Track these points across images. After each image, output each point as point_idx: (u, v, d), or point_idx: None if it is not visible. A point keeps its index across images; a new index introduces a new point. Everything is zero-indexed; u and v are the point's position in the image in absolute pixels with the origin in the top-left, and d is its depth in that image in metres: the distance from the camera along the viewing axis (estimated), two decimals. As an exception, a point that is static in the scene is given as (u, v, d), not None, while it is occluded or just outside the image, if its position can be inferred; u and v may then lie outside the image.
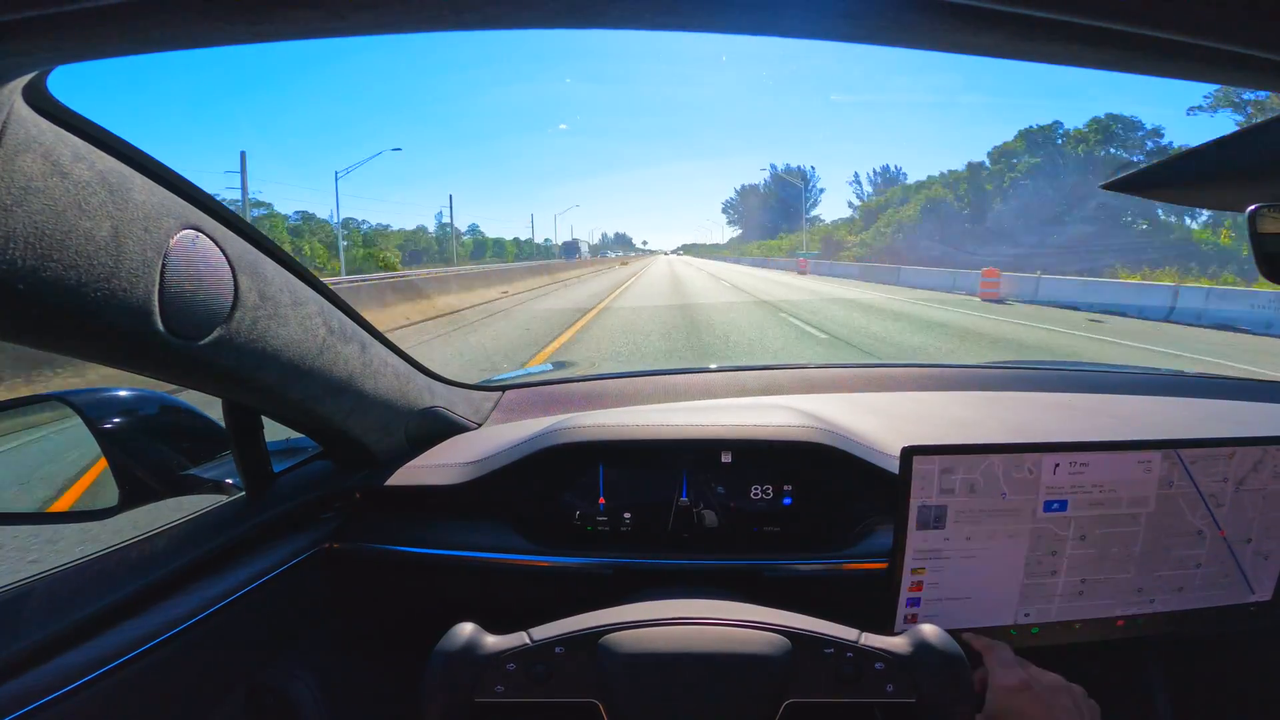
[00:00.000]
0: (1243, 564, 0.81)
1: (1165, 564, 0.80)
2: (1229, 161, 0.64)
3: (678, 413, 1.08)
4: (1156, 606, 0.81)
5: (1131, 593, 0.80)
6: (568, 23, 0.33)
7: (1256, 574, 0.82)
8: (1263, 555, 0.81)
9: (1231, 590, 0.82)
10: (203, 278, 0.55)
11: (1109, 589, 0.80)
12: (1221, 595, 0.82)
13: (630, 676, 0.64)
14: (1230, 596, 0.82)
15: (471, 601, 0.89)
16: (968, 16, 0.30)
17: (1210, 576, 0.81)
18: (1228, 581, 0.81)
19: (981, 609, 0.79)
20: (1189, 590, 0.81)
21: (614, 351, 7.38)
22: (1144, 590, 0.80)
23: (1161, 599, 0.81)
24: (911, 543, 0.77)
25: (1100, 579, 0.80)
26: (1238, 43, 0.31)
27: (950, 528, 0.77)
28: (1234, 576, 0.81)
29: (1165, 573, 0.80)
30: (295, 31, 0.34)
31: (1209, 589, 0.81)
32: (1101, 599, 0.80)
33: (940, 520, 0.77)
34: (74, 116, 0.45)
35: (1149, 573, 0.80)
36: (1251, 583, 0.82)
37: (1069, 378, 1.41)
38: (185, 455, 0.85)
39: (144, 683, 0.63)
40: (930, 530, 0.77)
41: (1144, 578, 0.80)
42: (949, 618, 0.79)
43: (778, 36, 0.34)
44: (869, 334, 9.04)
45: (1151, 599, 0.81)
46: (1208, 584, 0.81)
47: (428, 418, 1.04)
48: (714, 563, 0.90)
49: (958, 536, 0.77)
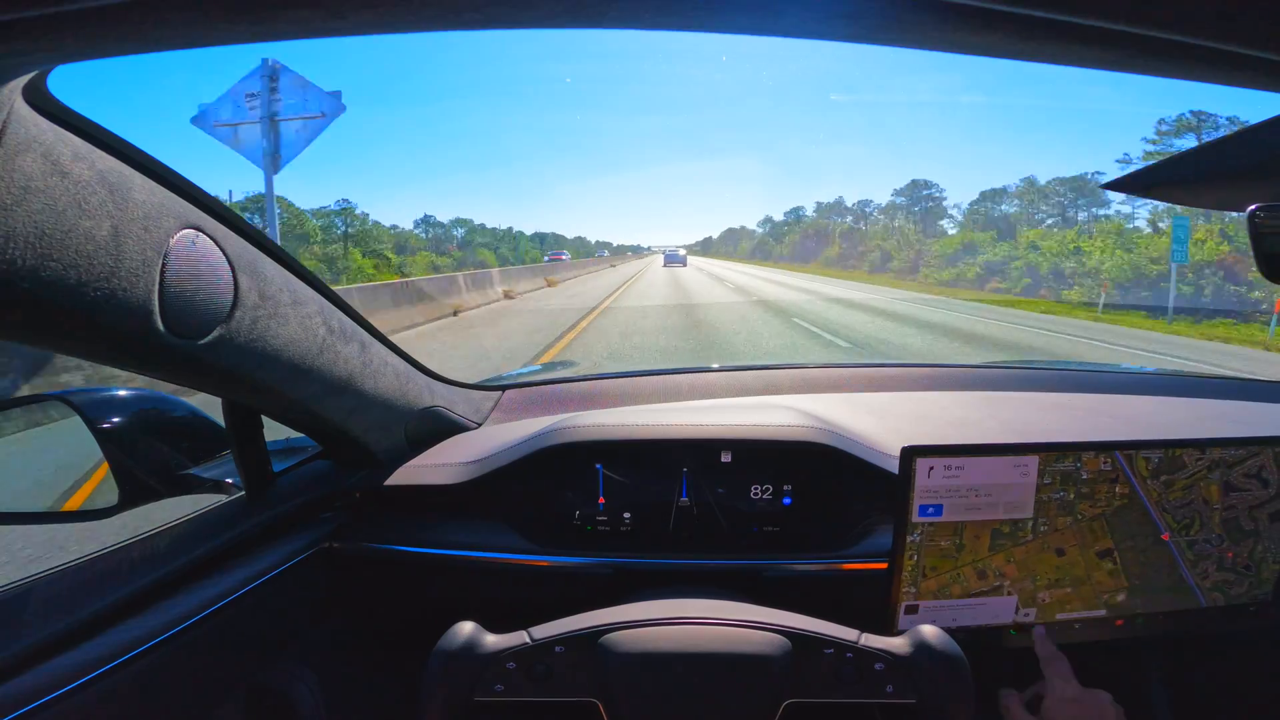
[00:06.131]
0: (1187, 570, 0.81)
1: (1130, 565, 0.80)
2: (1229, 161, 0.64)
3: (677, 412, 1.08)
4: (1124, 608, 0.81)
5: (1098, 591, 0.80)
6: (568, 23, 0.33)
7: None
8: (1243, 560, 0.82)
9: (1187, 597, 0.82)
10: (202, 277, 0.55)
11: (1097, 590, 0.80)
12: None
13: (630, 676, 0.64)
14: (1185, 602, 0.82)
15: (471, 601, 0.89)
16: (968, 16, 0.30)
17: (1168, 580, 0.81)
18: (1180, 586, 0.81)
19: (981, 609, 0.79)
20: (1149, 592, 0.81)
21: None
22: (1110, 590, 0.81)
23: (1124, 600, 0.81)
24: (917, 548, 0.77)
25: (1069, 578, 0.80)
26: (1238, 43, 0.31)
27: (928, 526, 0.77)
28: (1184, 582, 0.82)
29: (1130, 573, 0.80)
30: (295, 31, 0.34)
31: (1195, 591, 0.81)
32: (1070, 598, 0.80)
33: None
34: (74, 116, 0.45)
35: (1140, 573, 0.80)
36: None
37: (1069, 378, 1.41)
38: (185, 455, 0.85)
39: (144, 683, 0.63)
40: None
41: (1134, 578, 0.80)
42: (949, 618, 0.79)
43: (778, 36, 0.34)
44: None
45: (1118, 599, 0.81)
46: (1156, 587, 0.81)
47: (427, 417, 1.04)
48: (714, 563, 0.90)
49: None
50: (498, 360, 6.98)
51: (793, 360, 6.13)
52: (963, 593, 0.78)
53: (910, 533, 0.76)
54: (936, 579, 0.78)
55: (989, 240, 29.14)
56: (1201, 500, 0.79)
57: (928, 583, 0.77)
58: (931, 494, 0.75)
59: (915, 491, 0.75)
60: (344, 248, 30.60)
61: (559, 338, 8.58)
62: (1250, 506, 0.80)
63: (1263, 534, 0.81)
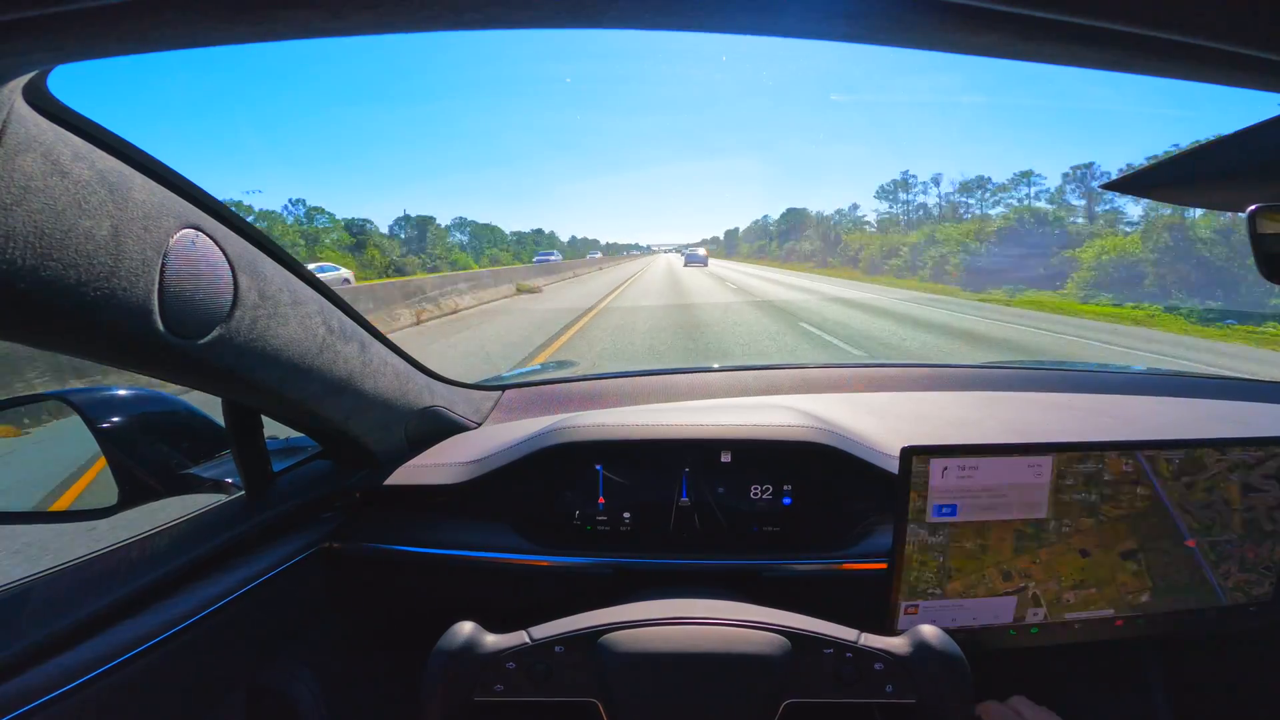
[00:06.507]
0: (1208, 569, 0.81)
1: (1154, 565, 0.80)
2: (1229, 161, 0.64)
3: (677, 412, 1.08)
4: (1147, 608, 0.81)
5: (1122, 592, 0.80)
6: (568, 23, 0.33)
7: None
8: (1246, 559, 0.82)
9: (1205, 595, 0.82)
10: (202, 277, 0.55)
11: (1122, 591, 0.80)
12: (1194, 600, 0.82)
13: (629, 676, 0.64)
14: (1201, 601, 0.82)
15: (471, 601, 0.89)
16: (968, 16, 0.30)
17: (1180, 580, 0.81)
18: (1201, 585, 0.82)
19: (981, 609, 0.79)
20: (1172, 592, 0.81)
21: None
22: (1134, 590, 0.81)
23: (1148, 600, 0.81)
24: (911, 542, 0.77)
25: (1093, 579, 0.80)
26: (1238, 43, 0.31)
27: (950, 527, 0.77)
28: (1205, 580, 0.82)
29: (1154, 573, 0.80)
30: (295, 31, 0.34)
31: (1182, 592, 0.82)
32: (1095, 599, 0.80)
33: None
34: (74, 116, 0.45)
35: (1164, 574, 0.80)
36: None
37: (1069, 378, 1.41)
38: (185, 455, 0.85)
39: (144, 683, 0.63)
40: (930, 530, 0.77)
41: (1158, 579, 0.80)
42: (949, 618, 0.79)
43: (778, 36, 0.34)
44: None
45: (1141, 599, 0.81)
46: (1179, 587, 0.81)
47: (427, 417, 1.04)
48: (713, 563, 0.90)
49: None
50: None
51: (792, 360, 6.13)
52: (988, 593, 0.79)
53: (933, 533, 0.76)
54: (962, 579, 0.78)
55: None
56: (1222, 501, 0.80)
57: (953, 584, 0.78)
58: (946, 494, 0.76)
59: (930, 491, 0.75)
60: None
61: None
62: (1270, 507, 0.80)
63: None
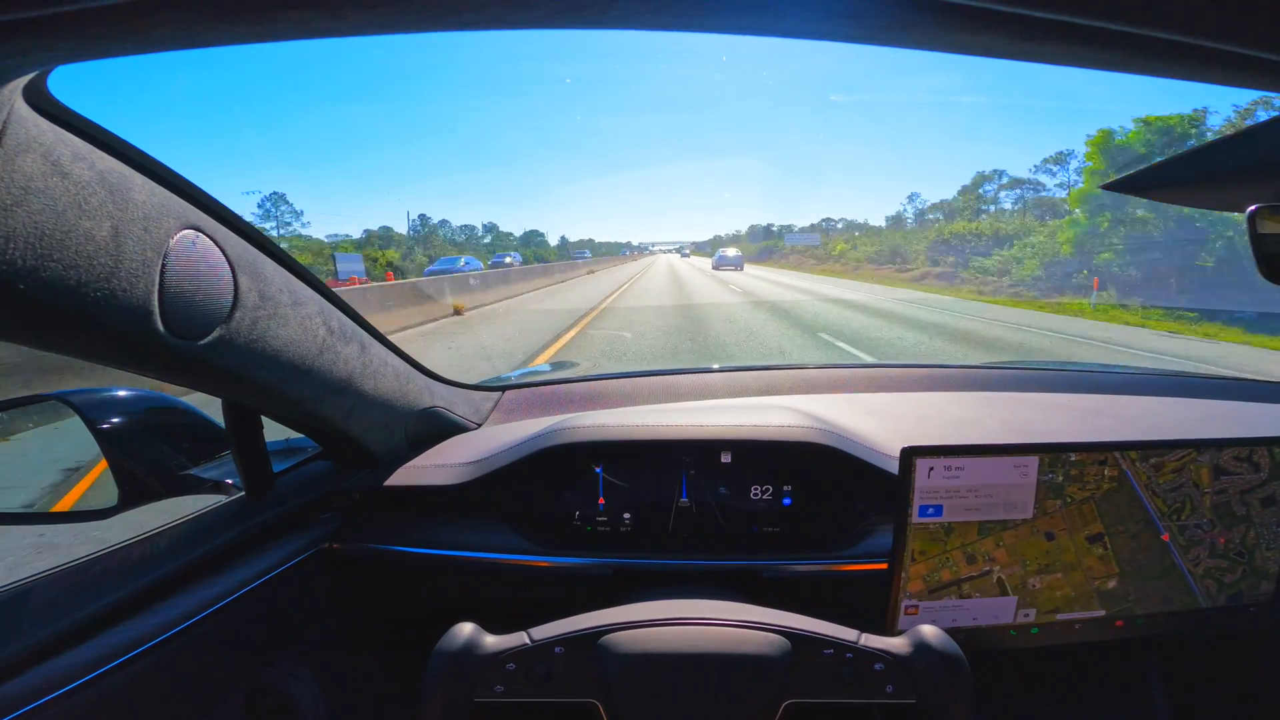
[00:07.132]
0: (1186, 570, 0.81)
1: (1121, 550, 0.80)
2: (1229, 161, 0.65)
3: (677, 413, 1.08)
4: (1140, 596, 0.81)
5: (1088, 577, 0.80)
6: (568, 23, 0.33)
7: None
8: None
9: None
10: (202, 278, 0.55)
11: (1088, 576, 0.80)
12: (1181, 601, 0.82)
13: (629, 676, 0.64)
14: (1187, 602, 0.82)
15: (471, 601, 0.89)
16: (968, 16, 0.30)
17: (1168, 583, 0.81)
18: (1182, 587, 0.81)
19: (981, 609, 0.79)
20: (1141, 579, 0.81)
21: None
22: (1101, 576, 0.80)
23: (1115, 586, 0.81)
24: (911, 543, 0.77)
25: (1059, 564, 0.80)
26: (1238, 43, 0.31)
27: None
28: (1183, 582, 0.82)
29: (1120, 559, 0.80)
30: (295, 31, 0.34)
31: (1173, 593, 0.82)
32: (1060, 584, 0.80)
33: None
34: (74, 116, 0.45)
35: (1130, 559, 0.80)
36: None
37: (1069, 378, 1.41)
38: (185, 455, 0.85)
39: (144, 683, 0.63)
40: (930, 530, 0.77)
41: (1125, 564, 0.80)
42: (949, 618, 0.79)
43: (778, 37, 0.34)
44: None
45: (1109, 585, 0.81)
46: (1147, 574, 0.81)
47: (427, 418, 1.04)
48: (714, 563, 0.90)
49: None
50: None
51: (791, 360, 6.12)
52: (952, 577, 0.78)
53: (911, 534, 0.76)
54: (926, 563, 0.77)
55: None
56: (1191, 484, 0.79)
57: (917, 567, 0.77)
58: (931, 494, 0.75)
59: (915, 492, 0.75)
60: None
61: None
62: (1241, 491, 0.80)
63: (1254, 520, 0.80)
